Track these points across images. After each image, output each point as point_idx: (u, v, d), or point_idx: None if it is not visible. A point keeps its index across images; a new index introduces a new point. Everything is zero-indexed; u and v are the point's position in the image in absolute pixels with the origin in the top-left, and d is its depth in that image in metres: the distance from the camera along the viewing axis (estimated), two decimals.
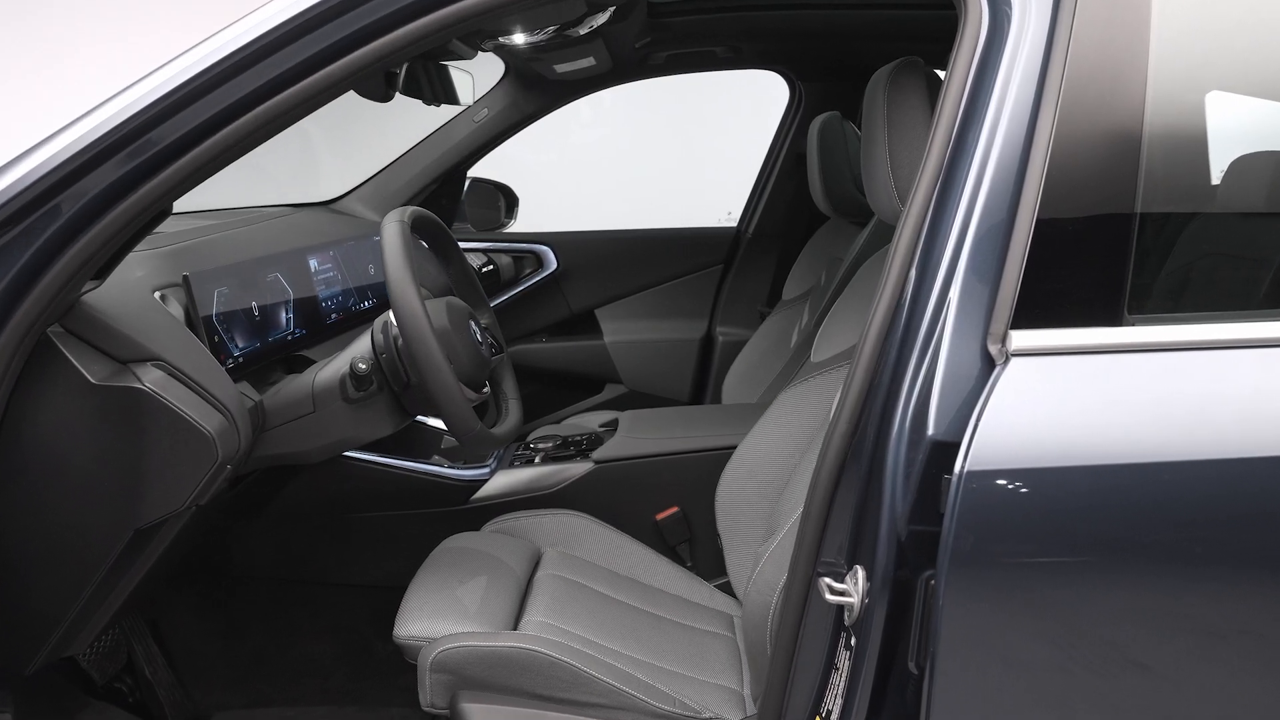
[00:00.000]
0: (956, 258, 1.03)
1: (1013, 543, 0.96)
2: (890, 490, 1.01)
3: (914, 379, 1.01)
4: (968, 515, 0.96)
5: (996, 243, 1.02)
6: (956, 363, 1.00)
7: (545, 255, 2.73)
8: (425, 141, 2.54)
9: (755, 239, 2.77)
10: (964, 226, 1.03)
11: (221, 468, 1.21)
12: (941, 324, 1.01)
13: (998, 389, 0.97)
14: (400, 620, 1.43)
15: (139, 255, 1.35)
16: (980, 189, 1.03)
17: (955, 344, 1.00)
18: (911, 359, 1.02)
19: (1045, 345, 0.99)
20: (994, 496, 0.96)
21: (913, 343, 1.02)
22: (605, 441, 1.97)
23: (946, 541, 0.97)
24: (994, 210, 1.02)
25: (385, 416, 1.44)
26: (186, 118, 1.08)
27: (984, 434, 0.96)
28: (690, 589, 1.78)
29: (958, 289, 1.01)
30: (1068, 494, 0.96)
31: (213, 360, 1.29)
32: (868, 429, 1.05)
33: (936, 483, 0.98)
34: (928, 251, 1.04)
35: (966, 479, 0.95)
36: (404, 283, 1.33)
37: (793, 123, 2.66)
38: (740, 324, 2.75)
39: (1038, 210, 1.01)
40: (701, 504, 1.85)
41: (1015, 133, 1.03)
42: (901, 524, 1.01)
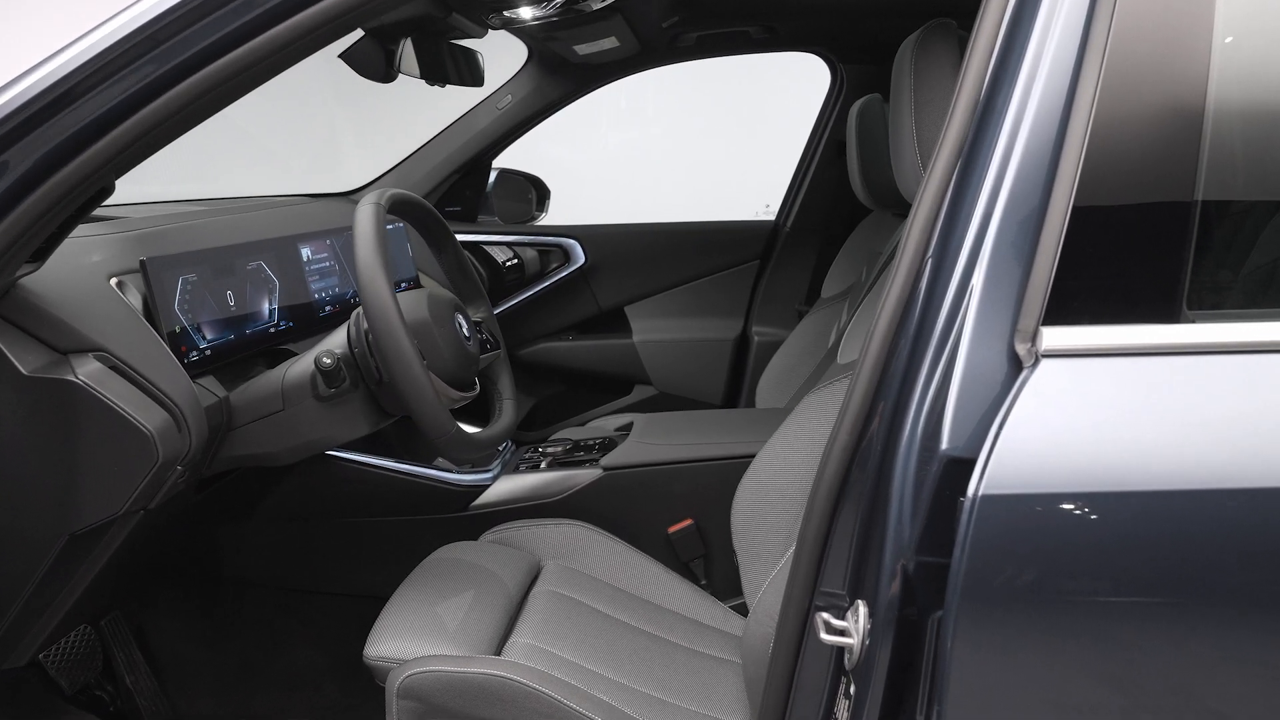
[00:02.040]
0: (980, 242, 0.87)
1: (1035, 580, 0.81)
2: (896, 513, 0.87)
3: (926, 384, 0.86)
4: (981, 546, 0.80)
5: (1028, 225, 0.86)
6: (977, 365, 0.85)
7: (572, 249, 2.61)
8: (447, 130, 2.44)
9: (794, 233, 2.61)
10: (989, 206, 0.87)
11: (165, 469, 1.11)
12: (960, 319, 0.86)
13: (1024, 395, 0.82)
14: (371, 638, 1.32)
15: (98, 239, 1.26)
16: (1010, 162, 0.87)
17: (976, 343, 0.85)
18: (925, 361, 0.87)
19: (1083, 344, 0.84)
20: (1014, 525, 0.80)
21: (926, 342, 0.87)
22: (618, 446, 1.84)
23: (956, 576, 0.82)
24: (1025, 187, 0.87)
25: (360, 416, 1.33)
26: (115, 87, 0.97)
27: (1005, 449, 0.81)
28: (702, 610, 1.64)
29: (980, 278, 0.86)
30: (1106, 525, 0.80)
31: (165, 352, 1.20)
32: (873, 442, 0.90)
33: (950, 506, 0.83)
34: (946, 235, 0.89)
35: (981, 504, 0.80)
36: (372, 269, 1.22)
37: (833, 109, 2.49)
38: (777, 323, 2.60)
39: (1077, 187, 0.85)
40: (717, 516, 1.70)
41: (1052, 96, 0.87)
42: (909, 553, 0.86)
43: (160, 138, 1.06)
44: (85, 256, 1.22)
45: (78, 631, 1.54)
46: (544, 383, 2.70)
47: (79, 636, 1.54)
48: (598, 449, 1.86)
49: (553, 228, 2.68)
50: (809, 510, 0.95)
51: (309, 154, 3.47)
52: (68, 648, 1.51)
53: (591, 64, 2.28)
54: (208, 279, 1.36)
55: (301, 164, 3.40)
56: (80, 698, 1.63)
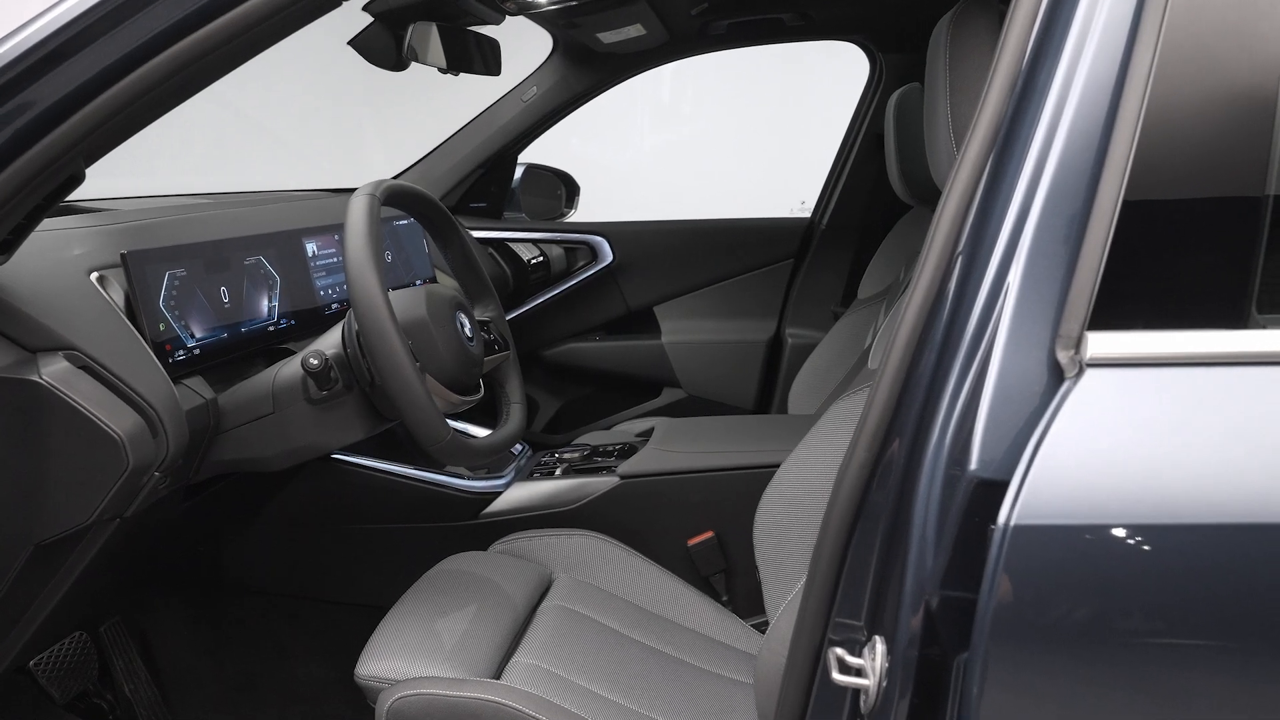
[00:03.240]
0: (1017, 236, 0.77)
1: (1075, 623, 0.70)
2: (918, 541, 0.77)
3: (954, 396, 0.76)
4: (1013, 581, 0.71)
5: (1072, 216, 0.76)
6: (1012, 374, 0.75)
7: (600, 247, 2.53)
8: (471, 124, 2.37)
9: (830, 231, 2.50)
10: (1028, 196, 0.77)
11: (137, 476, 1.05)
12: (994, 323, 0.76)
13: (1065, 410, 0.72)
14: (364, 656, 1.24)
15: (80, 232, 1.21)
16: (1052, 146, 0.77)
17: (1012, 349, 0.75)
18: (953, 370, 0.77)
19: (1134, 352, 0.73)
20: (1051, 559, 0.70)
21: (955, 348, 0.78)
22: (636, 453, 1.75)
23: (985, 614, 0.72)
24: (1070, 174, 0.77)
25: (355, 420, 1.26)
26: (79, 65, 0.91)
27: (1042, 472, 0.71)
28: (723, 628, 1.54)
29: (1017, 277, 0.76)
30: (1158, 563, 0.70)
31: (144, 351, 1.13)
32: (893, 459, 0.80)
33: (979, 535, 0.73)
34: (979, 228, 0.79)
35: (1014, 534, 0.70)
36: (362, 265, 1.15)
37: (872, 100, 2.38)
38: (812, 325, 2.49)
39: (1129, 173, 0.75)
40: (740, 529, 1.61)
41: (1102, 72, 0.77)
42: (931, 586, 0.76)
43: (131, 121, 0.99)
44: (65, 250, 1.16)
45: (72, 639, 1.49)
46: (569, 384, 2.62)
47: (73, 644, 1.49)
48: (616, 455, 1.78)
49: (580, 225, 2.60)
50: (823, 533, 0.86)
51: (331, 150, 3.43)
52: (60, 655, 1.46)
53: (618, 54, 2.19)
54: (198, 274, 1.30)
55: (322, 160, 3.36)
56: (78, 705, 1.58)
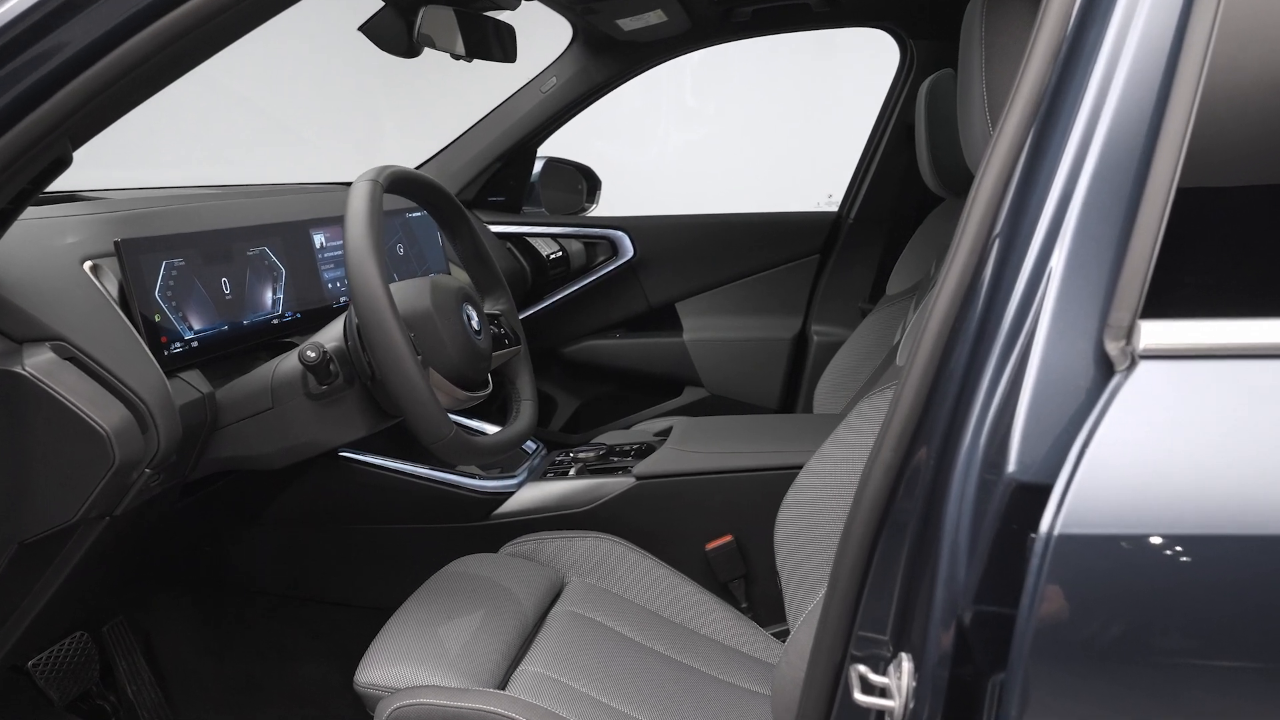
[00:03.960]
0: (1062, 215, 0.70)
1: (1125, 643, 0.63)
2: (950, 550, 0.70)
3: (990, 390, 0.70)
4: (1057, 596, 0.64)
5: (1122, 194, 0.69)
6: (1055, 367, 0.68)
7: (620, 242, 2.46)
8: (490, 115, 2.32)
9: (858, 224, 2.43)
10: (1074, 171, 0.70)
11: (125, 473, 1.00)
12: (1035, 311, 0.69)
13: (1115, 406, 0.65)
14: (364, 662, 1.19)
15: (75, 219, 1.16)
16: (1101, 116, 0.70)
17: (1055, 340, 0.68)
18: (988, 362, 0.70)
19: (1193, 343, 0.66)
20: (1099, 572, 0.63)
21: (991, 338, 0.71)
22: (653, 453, 1.69)
23: (1024, 631, 0.65)
24: (1121, 146, 0.70)
25: (356, 416, 1.21)
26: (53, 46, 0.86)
27: (1090, 475, 0.64)
28: (741, 636, 1.48)
29: (1061, 260, 0.69)
30: (1220, 577, 0.62)
31: (136, 343, 1.08)
32: (922, 461, 0.74)
33: (1017, 544, 0.67)
34: (1019, 207, 0.73)
35: (1058, 543, 0.63)
36: (362, 253, 1.09)
37: (902, 89, 2.30)
38: (838, 322, 2.41)
39: (1188, 144, 0.68)
40: (760, 533, 1.54)
41: (1157, 32, 0.70)
42: (964, 600, 0.69)
43: (118, 101, 0.94)
44: (59, 238, 1.12)
45: (72, 639, 1.45)
46: (589, 383, 2.57)
47: (73, 644, 1.45)
48: (633, 455, 1.72)
49: (600, 219, 2.54)
50: (844, 539, 0.79)
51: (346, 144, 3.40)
52: (60, 656, 1.42)
53: (639, 42, 2.13)
54: (197, 264, 1.25)
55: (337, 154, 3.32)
56: (81, 706, 1.54)
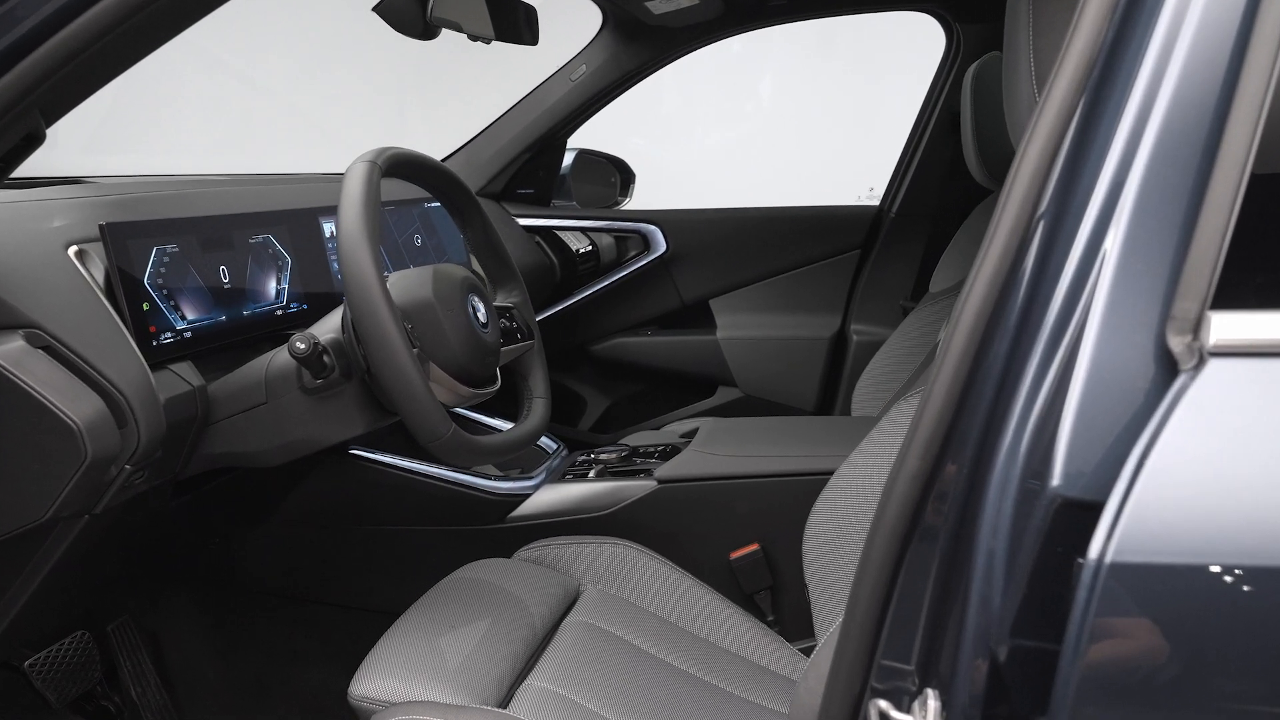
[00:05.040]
0: (1118, 191, 0.61)
1: (1192, 689, 0.54)
2: (983, 574, 0.61)
3: (1033, 392, 0.61)
4: (1109, 633, 0.55)
5: (1190, 166, 0.60)
6: (1108, 365, 0.59)
7: (653, 236, 2.38)
8: (518, 105, 2.25)
9: (900, 219, 2.32)
10: (1133, 140, 0.61)
11: (100, 469, 0.95)
12: (1085, 302, 0.60)
13: (1180, 411, 0.56)
14: (359, 673, 1.13)
15: (63, 203, 1.11)
16: (1165, 77, 0.61)
17: (1108, 334, 0.59)
18: (1031, 359, 0.61)
19: (1272, 338, 0.57)
20: (1161, 606, 0.54)
21: (1034, 333, 0.62)
22: (677, 455, 1.61)
23: (1069, 672, 0.56)
24: (1188, 111, 0.60)
25: (354, 412, 1.14)
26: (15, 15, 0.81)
27: (1148, 491, 0.55)
28: (766, 651, 1.39)
29: (1116, 243, 0.60)
30: None
31: (119, 332, 1.03)
32: (953, 472, 0.65)
33: (1063, 570, 0.58)
34: (1068, 183, 0.64)
35: (1111, 571, 0.54)
36: (355, 238, 1.03)
37: (948, 76, 2.19)
38: (879, 321, 2.31)
39: (1266, 108, 0.58)
40: (788, 542, 1.46)
41: None
42: (999, 631, 0.61)
43: (89, 74, 0.89)
44: (44, 222, 1.07)
45: (73, 638, 1.40)
46: (619, 382, 2.49)
47: (74, 644, 1.40)
48: (657, 457, 1.63)
49: (632, 212, 2.47)
50: (865, 557, 0.70)
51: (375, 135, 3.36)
52: (59, 656, 1.38)
53: (670, 26, 2.05)
54: (193, 251, 1.19)
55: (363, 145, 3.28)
56: (85, 706, 1.50)
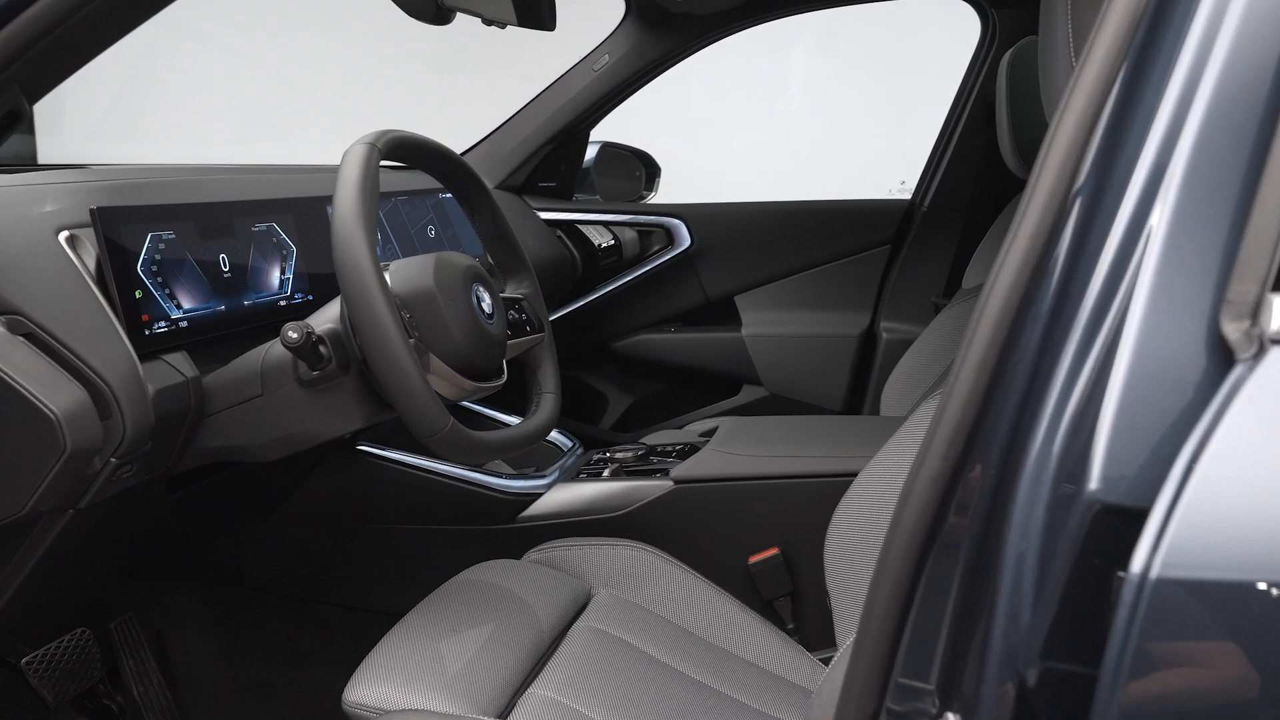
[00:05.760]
0: (1165, 163, 0.55)
1: None
2: (1010, 588, 0.55)
3: (1068, 386, 0.55)
4: (1153, 658, 0.48)
5: (1245, 134, 0.54)
6: (1154, 355, 0.53)
7: (676, 230, 2.32)
8: (540, 97, 2.20)
9: (932, 213, 2.24)
10: (1181, 107, 0.55)
11: (81, 461, 0.91)
12: (1127, 284, 0.54)
13: (1236, 405, 0.49)
14: (354, 679, 1.08)
15: (56, 187, 1.08)
16: (1219, 34, 0.55)
17: (1154, 320, 0.53)
18: (1066, 350, 0.55)
19: None
20: (1211, 628, 0.47)
21: (1069, 320, 0.56)
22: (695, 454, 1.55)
23: (1106, 700, 0.50)
24: (1244, 72, 0.55)
25: (353, 405, 1.10)
26: None
27: (1201, 496, 0.48)
28: (784, 661, 1.33)
29: (1164, 218, 0.54)
30: None
31: (107, 320, 0.99)
32: (978, 473, 0.59)
33: (1101, 584, 0.52)
34: (1110, 154, 0.58)
35: (1158, 587, 0.48)
36: (349, 222, 0.98)
37: (983, 64, 2.11)
38: (909, 319, 2.23)
39: None
40: (809, 546, 1.39)
41: None
42: (1028, 652, 0.55)
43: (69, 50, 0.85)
44: (35, 206, 1.03)
45: (72, 635, 1.37)
46: (641, 379, 2.43)
47: (73, 641, 1.37)
48: (675, 457, 1.58)
49: (656, 206, 2.41)
50: (882, 565, 0.64)
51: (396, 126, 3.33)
52: (57, 653, 1.35)
53: (695, 14, 1.99)
54: (190, 238, 1.15)
55: None
56: (87, 705, 1.47)
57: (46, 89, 0.88)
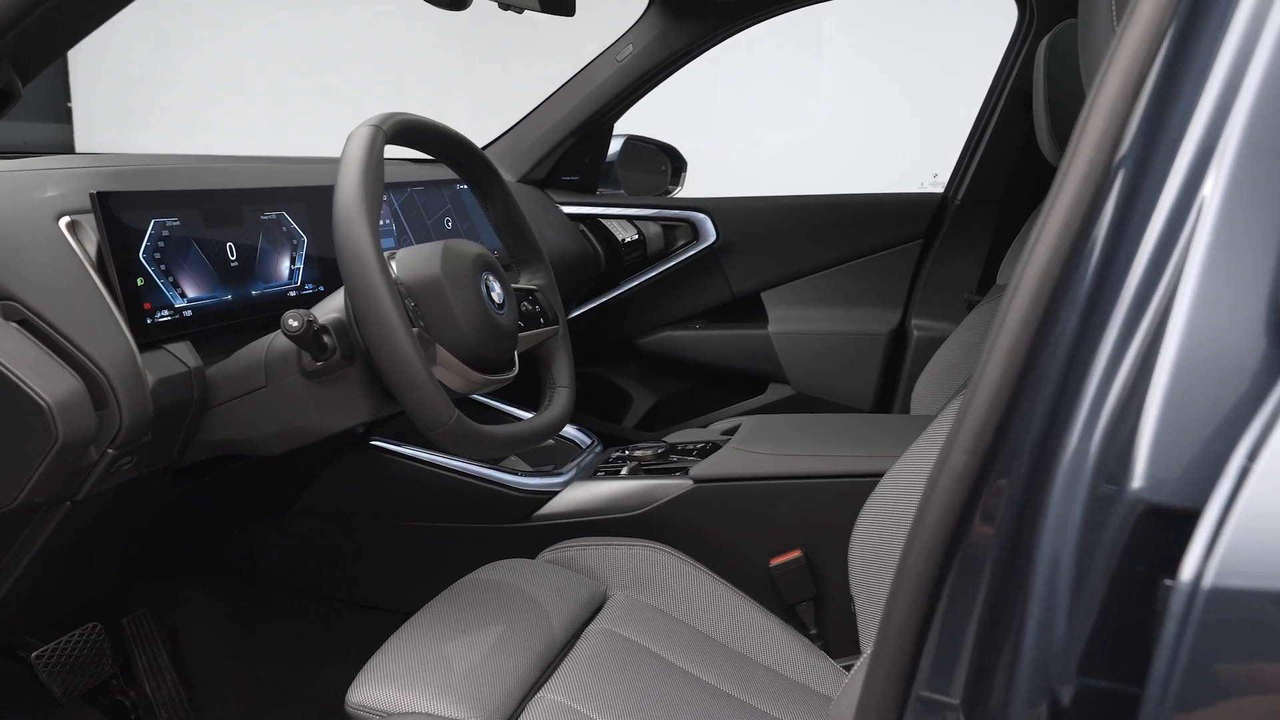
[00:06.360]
0: (1218, 130, 0.50)
1: None
2: (1044, 596, 0.51)
3: (1108, 375, 0.50)
4: (1206, 677, 0.43)
5: None
6: (1206, 341, 0.48)
7: (702, 225, 2.28)
8: (563, 89, 2.16)
9: (966, 207, 2.17)
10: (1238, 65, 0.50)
11: (74, 452, 0.88)
12: (1175, 264, 0.49)
13: None
14: (358, 680, 1.05)
15: (58, 173, 1.05)
16: None
17: (1205, 304, 0.48)
18: (1106, 335, 0.50)
19: None
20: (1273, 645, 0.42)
21: (1110, 303, 0.51)
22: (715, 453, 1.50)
23: None
24: None
25: (359, 398, 1.06)
26: None
27: (1260, 496, 0.43)
28: (806, 668, 1.28)
29: (1218, 191, 0.49)
30: None
31: (105, 308, 0.96)
32: (1008, 470, 0.54)
33: (1146, 593, 0.46)
34: (1157, 119, 0.53)
35: (1208, 599, 0.43)
36: (351, 206, 0.95)
37: (1019, 52, 2.04)
38: (942, 316, 2.17)
39: None
40: (833, 549, 1.34)
41: None
42: (1062, 667, 0.50)
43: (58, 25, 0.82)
44: (36, 191, 1.01)
45: (84, 630, 1.35)
46: (665, 377, 2.39)
47: (84, 636, 1.35)
48: (696, 455, 1.53)
49: (681, 200, 2.36)
50: (901, 571, 0.59)
51: None
52: (67, 648, 1.33)
53: (720, 1, 1.94)
54: (196, 225, 1.13)
55: None
56: (101, 700, 1.46)
57: (40, 66, 0.85)
